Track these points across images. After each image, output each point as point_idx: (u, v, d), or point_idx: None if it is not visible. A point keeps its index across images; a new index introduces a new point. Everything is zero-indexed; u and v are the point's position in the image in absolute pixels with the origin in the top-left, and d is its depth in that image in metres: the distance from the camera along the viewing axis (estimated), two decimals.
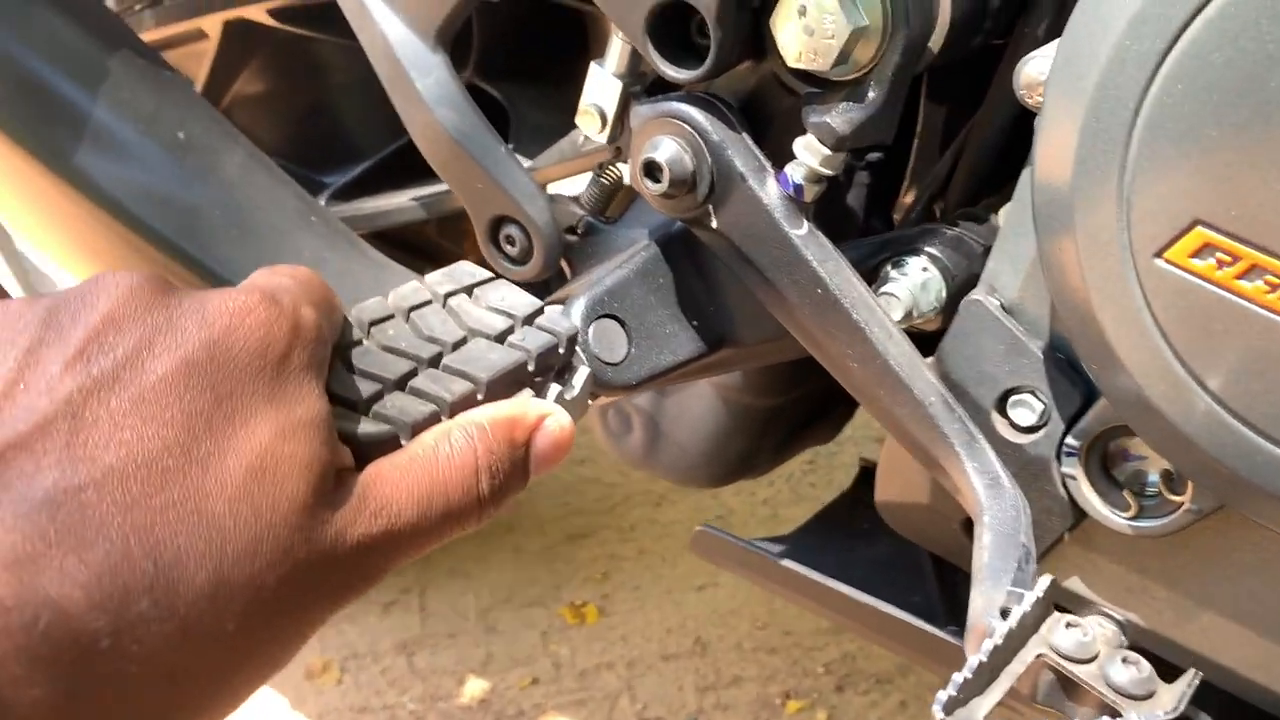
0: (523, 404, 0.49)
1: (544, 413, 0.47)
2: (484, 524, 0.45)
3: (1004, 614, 0.47)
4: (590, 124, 0.63)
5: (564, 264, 0.70)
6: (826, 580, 0.73)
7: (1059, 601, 0.63)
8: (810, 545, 0.84)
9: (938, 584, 0.81)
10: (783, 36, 0.54)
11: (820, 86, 0.55)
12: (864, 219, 0.79)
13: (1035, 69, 0.53)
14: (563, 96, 0.90)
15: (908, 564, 0.84)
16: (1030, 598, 0.46)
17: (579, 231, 0.69)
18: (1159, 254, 0.47)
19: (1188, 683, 0.45)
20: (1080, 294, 0.50)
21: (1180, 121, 0.45)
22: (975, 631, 0.48)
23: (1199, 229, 0.45)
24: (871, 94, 0.54)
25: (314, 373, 0.42)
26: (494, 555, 1.59)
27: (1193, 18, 0.43)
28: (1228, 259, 0.45)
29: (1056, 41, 0.51)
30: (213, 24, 0.94)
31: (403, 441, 0.47)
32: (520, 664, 1.42)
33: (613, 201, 0.70)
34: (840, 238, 0.62)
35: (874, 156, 0.78)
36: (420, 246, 1.10)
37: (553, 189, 0.79)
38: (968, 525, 0.65)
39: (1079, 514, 0.58)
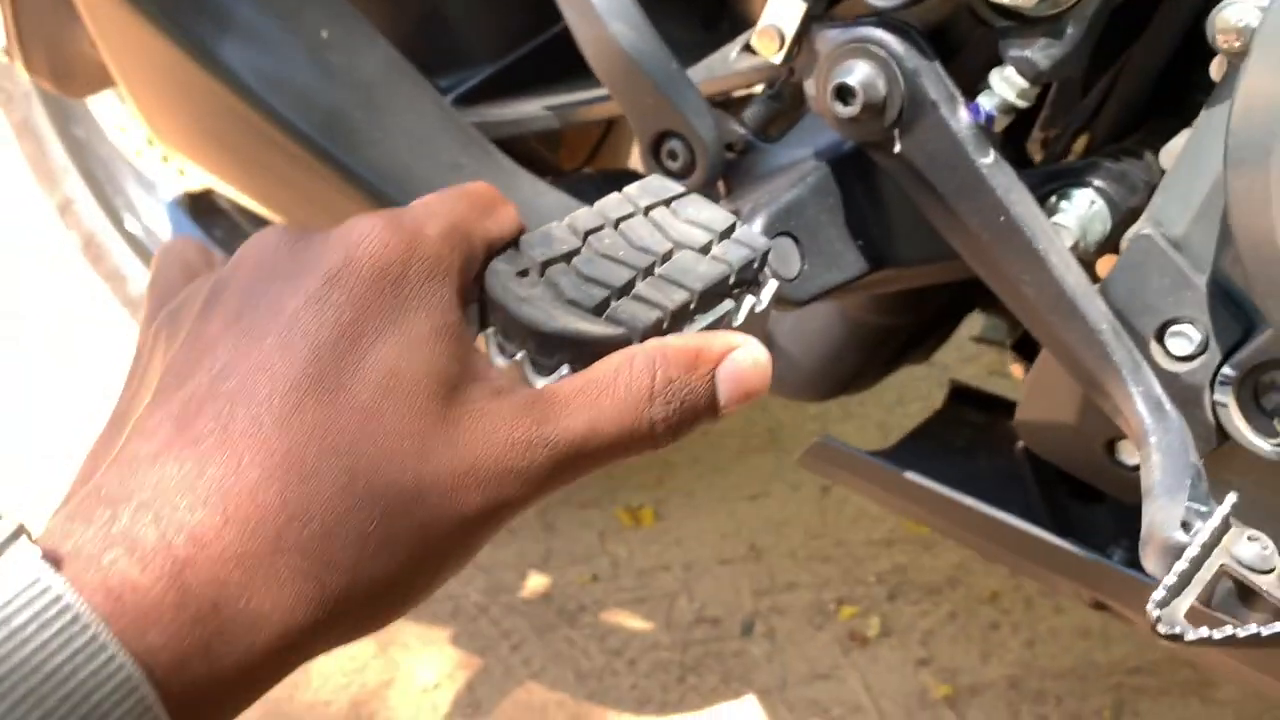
0: (709, 336, 0.49)
1: (731, 345, 0.48)
2: (661, 449, 0.46)
3: (1185, 527, 0.51)
4: (768, 45, 0.65)
5: (720, 181, 0.72)
6: (949, 491, 0.77)
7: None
8: (916, 460, 0.87)
9: (1040, 497, 0.85)
10: None
11: (1019, 20, 0.57)
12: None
13: (1235, 14, 0.54)
14: (693, 8, 0.91)
15: (1008, 478, 0.88)
16: (1219, 512, 0.49)
17: (738, 150, 0.71)
18: None
19: None
20: (1268, 233, 0.53)
21: None
22: (1155, 542, 0.52)
23: None
24: (1071, 30, 0.56)
25: (436, 287, 0.42)
26: None
27: None
28: None
29: None
30: None
31: (634, 343, 0.50)
32: (579, 561, 1.47)
33: (774, 122, 0.71)
34: None
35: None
36: (516, 153, 1.11)
37: None
38: (1110, 446, 0.69)
39: (1223, 438, 0.62)
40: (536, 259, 0.52)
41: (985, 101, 0.58)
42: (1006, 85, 0.57)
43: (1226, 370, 0.60)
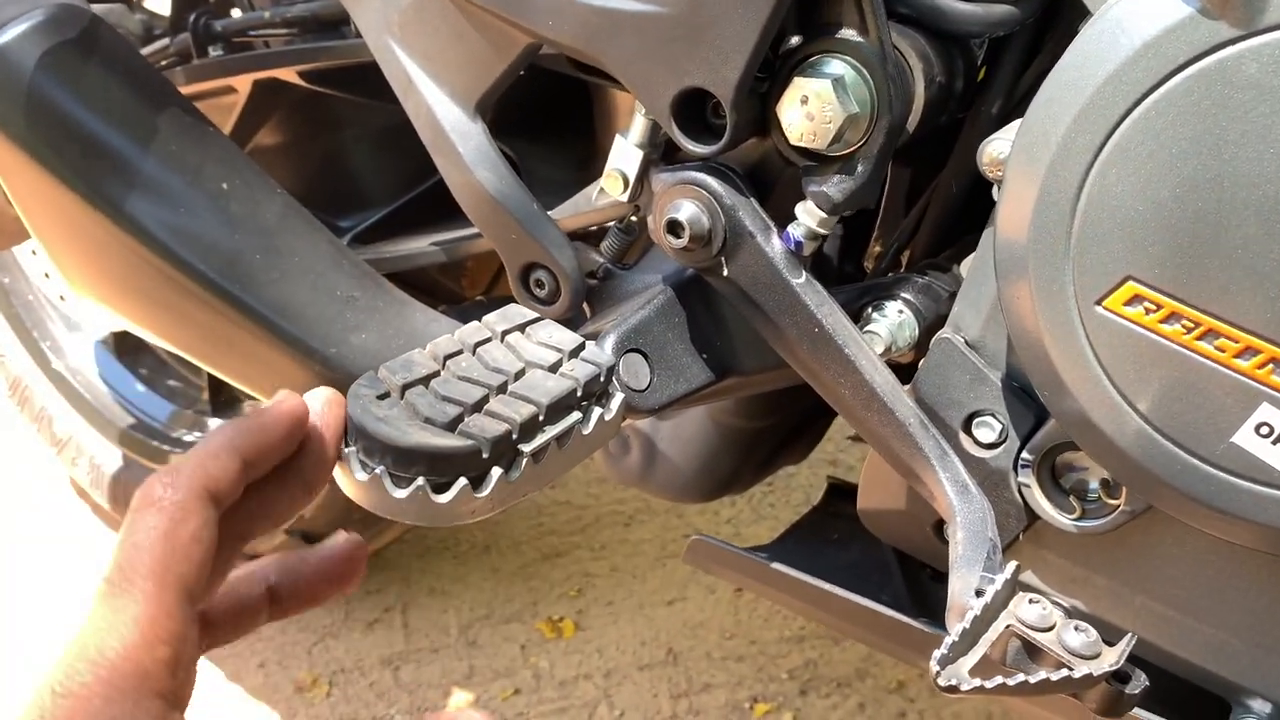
0: None
1: None
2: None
3: (979, 593, 0.58)
4: (615, 186, 0.74)
5: (584, 305, 0.80)
6: (814, 580, 0.84)
7: (1021, 588, 0.74)
8: (791, 552, 0.94)
9: (905, 583, 0.91)
10: (786, 119, 0.65)
11: (817, 160, 0.66)
12: (839, 266, 0.90)
13: (996, 149, 0.64)
14: (567, 152, 1.01)
15: (877, 566, 0.94)
16: (1001, 578, 0.56)
17: (598, 276, 0.79)
18: (1098, 302, 0.58)
19: (1126, 643, 0.56)
20: (1034, 333, 0.61)
21: (1113, 199, 0.56)
22: (955, 609, 0.58)
23: (1130, 283, 0.57)
24: (860, 167, 0.65)
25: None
26: (472, 575, 1.67)
27: (1123, 118, 0.55)
28: (1153, 307, 0.57)
29: (1014, 125, 0.63)
30: (243, 82, 1.02)
31: (484, 454, 0.57)
32: (502, 676, 1.50)
33: (628, 251, 0.80)
34: (821, 282, 0.73)
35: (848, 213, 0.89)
36: (421, 283, 1.19)
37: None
38: (939, 527, 0.76)
39: (1032, 516, 0.69)
40: (396, 383, 0.59)
41: (794, 230, 0.67)
42: (808, 216, 0.66)
43: (1026, 455, 0.68)
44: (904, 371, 0.72)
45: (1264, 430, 0.56)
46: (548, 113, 0.97)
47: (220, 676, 1.51)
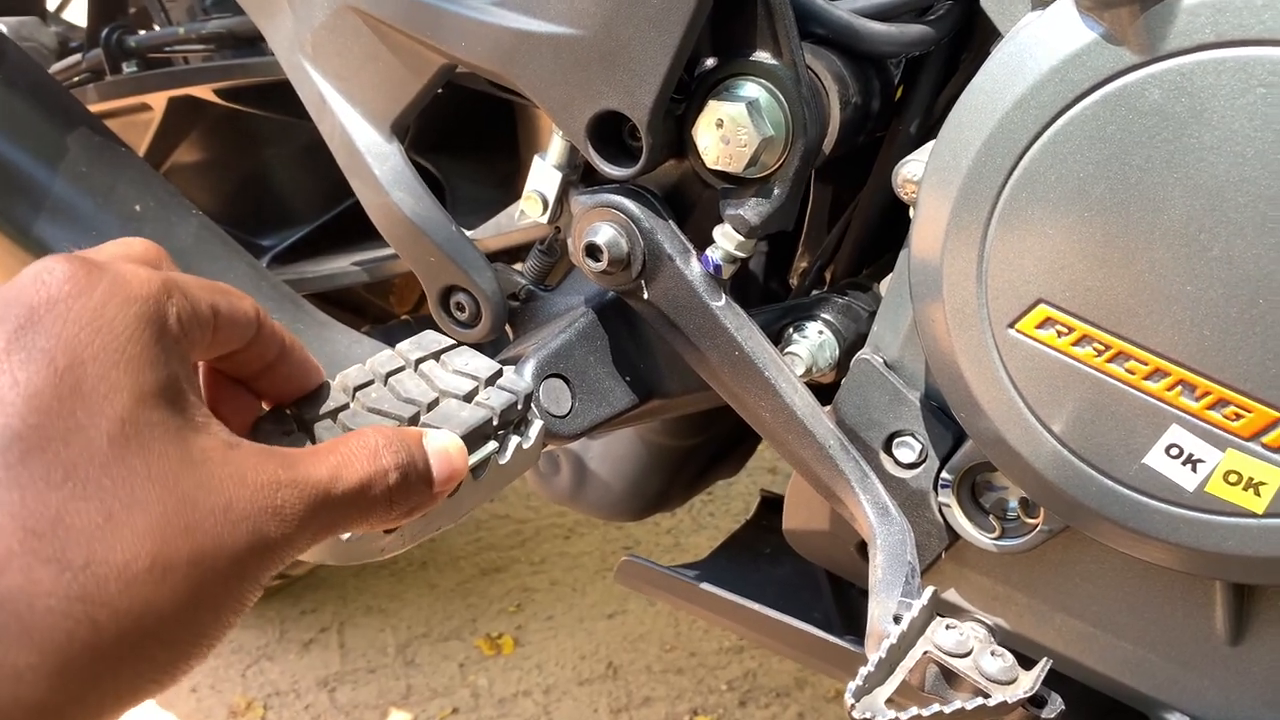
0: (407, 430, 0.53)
1: (424, 432, 0.53)
2: (394, 521, 0.49)
3: (896, 619, 0.58)
4: (534, 208, 0.73)
5: (507, 327, 0.79)
6: (740, 599, 0.83)
7: (940, 610, 0.74)
8: (722, 569, 0.94)
9: (834, 600, 0.92)
10: (702, 143, 0.64)
11: (734, 183, 0.66)
12: (764, 283, 0.90)
13: (910, 170, 0.64)
14: (492, 170, 0.99)
15: (808, 583, 0.94)
16: (917, 605, 0.56)
17: (521, 298, 0.78)
18: (1011, 325, 0.58)
19: (1041, 668, 0.56)
20: (949, 355, 0.61)
21: (1024, 221, 0.56)
22: (874, 635, 0.58)
23: (1041, 306, 0.57)
24: (777, 190, 0.65)
25: (144, 327, 0.40)
26: (409, 592, 1.65)
27: (1032, 142, 0.55)
28: (1065, 330, 0.57)
29: (928, 146, 0.63)
30: (158, 99, 1.00)
31: None
32: (440, 695, 1.49)
33: (551, 272, 0.79)
34: (746, 300, 0.72)
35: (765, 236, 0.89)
36: (348, 302, 1.17)
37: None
38: (862, 547, 0.76)
39: (953, 536, 0.69)
40: (304, 418, 0.57)
41: (713, 253, 0.66)
42: (726, 239, 0.66)
43: (945, 475, 0.68)
44: (827, 392, 0.72)
45: (1174, 451, 0.56)
46: (473, 131, 0.96)
47: (150, 703, 1.47)
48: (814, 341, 0.71)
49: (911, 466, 0.69)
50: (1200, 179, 0.51)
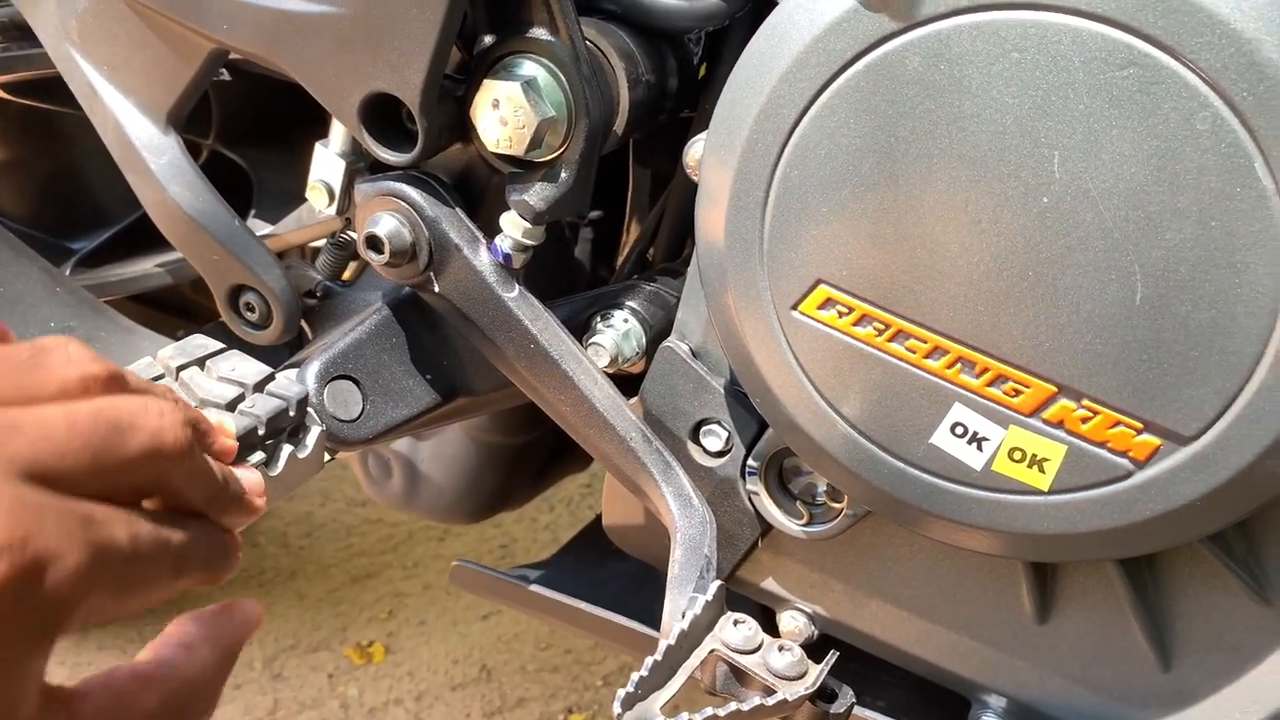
0: None
1: None
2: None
3: (683, 616, 0.55)
4: (319, 199, 0.69)
5: (305, 326, 0.75)
6: (570, 600, 0.80)
7: (763, 601, 0.72)
8: (566, 568, 0.91)
9: None
10: (482, 125, 0.61)
11: (520, 167, 0.63)
12: (591, 269, 0.87)
13: (697, 150, 0.62)
14: (303, 162, 0.95)
15: (653, 577, 0.92)
16: (700, 601, 0.54)
17: (318, 295, 0.74)
18: (794, 307, 0.56)
19: (826, 661, 0.54)
20: (739, 340, 0.59)
21: (799, 201, 0.54)
22: (664, 634, 0.56)
23: (821, 286, 0.55)
24: (564, 174, 0.62)
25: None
26: (278, 604, 1.60)
27: (800, 117, 0.53)
28: (845, 310, 0.55)
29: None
30: None
31: None
32: (308, 708, 1.43)
33: (347, 267, 0.75)
34: (570, 287, 0.69)
35: (595, 215, 0.86)
36: (176, 304, 1.11)
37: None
38: None
39: (765, 524, 0.67)
40: None
41: (501, 242, 0.63)
42: (513, 226, 0.63)
43: (751, 462, 0.66)
44: (637, 382, 0.69)
45: (959, 430, 0.55)
46: (280, 119, 0.91)
47: None
48: (619, 331, 0.68)
49: (719, 455, 0.67)
50: (963, 149, 0.50)
